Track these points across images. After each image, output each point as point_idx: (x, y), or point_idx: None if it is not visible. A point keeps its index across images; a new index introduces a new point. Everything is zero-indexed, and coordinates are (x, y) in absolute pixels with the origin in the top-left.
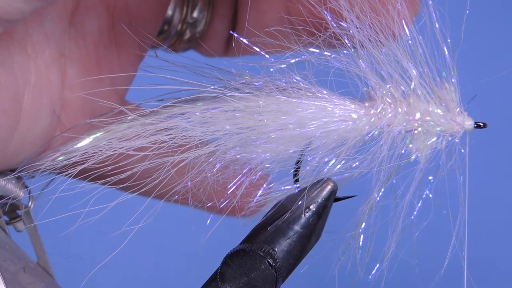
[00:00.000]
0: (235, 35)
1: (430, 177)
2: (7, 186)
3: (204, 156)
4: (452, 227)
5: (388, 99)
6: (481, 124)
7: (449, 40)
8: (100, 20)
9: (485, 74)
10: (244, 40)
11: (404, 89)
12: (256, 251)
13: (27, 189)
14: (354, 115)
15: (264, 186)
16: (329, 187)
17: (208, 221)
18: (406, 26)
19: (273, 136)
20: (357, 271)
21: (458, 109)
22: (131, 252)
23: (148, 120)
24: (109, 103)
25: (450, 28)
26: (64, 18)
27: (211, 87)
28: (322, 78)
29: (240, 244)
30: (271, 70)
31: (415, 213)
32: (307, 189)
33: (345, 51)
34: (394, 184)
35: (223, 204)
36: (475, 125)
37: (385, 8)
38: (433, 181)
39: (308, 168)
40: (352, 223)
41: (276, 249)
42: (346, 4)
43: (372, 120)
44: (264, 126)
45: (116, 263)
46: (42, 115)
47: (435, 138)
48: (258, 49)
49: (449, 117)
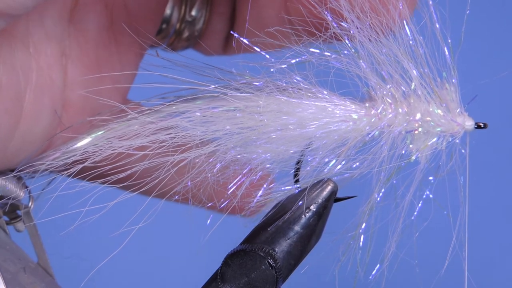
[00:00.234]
0: (236, 35)
1: (431, 178)
2: (7, 186)
3: (204, 156)
4: (453, 228)
5: (389, 100)
6: (482, 125)
7: (450, 41)
8: (99, 18)
9: (486, 75)
10: (245, 41)
11: (405, 90)
12: (257, 252)
13: (27, 189)
14: (355, 116)
15: (265, 186)
16: (330, 188)
17: (208, 221)
18: (406, 24)
19: (274, 136)
20: (358, 272)
21: (459, 110)
22: (131, 252)
23: (149, 119)
24: (111, 102)
25: (451, 28)
26: (64, 16)
27: (212, 87)
28: (323, 79)
29: (241, 245)
30: (272, 70)
31: (416, 214)
32: (308, 190)
33: (346, 51)
34: (395, 185)
35: (224, 204)
36: (476, 126)
37: (386, 8)
38: (434, 182)
39: (309, 169)
40: (353, 224)
41: (277, 250)
42: (347, 4)
43: (373, 121)
44: (265, 126)
45: (116, 263)
46: (43, 115)
47: (436, 139)
48: (258, 49)
49: (450, 118)
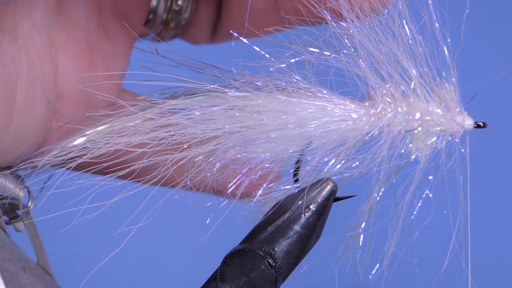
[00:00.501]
0: (235, 35)
1: (430, 177)
2: (6, 185)
3: (204, 155)
4: (452, 227)
5: (388, 99)
6: (481, 124)
7: (449, 40)
8: (87, 8)
9: (485, 74)
10: (245, 40)
11: (404, 89)
12: (256, 251)
13: (26, 187)
14: (354, 115)
15: (264, 186)
16: (329, 187)
17: (208, 221)
18: (406, 24)
19: (273, 136)
20: (357, 271)
21: (458, 109)
22: (131, 252)
23: (148, 115)
24: (108, 96)
25: (450, 28)
26: (51, 7)
27: (211, 86)
28: (322, 78)
29: (240, 244)
30: (271, 70)
31: (415, 213)
32: (307, 189)
33: (345, 51)
34: (394, 184)
35: (231, 189)
36: (475, 125)
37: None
38: (433, 181)
39: (308, 168)
40: (352, 223)
41: (276, 249)
42: (346, 4)
43: (372, 120)
44: (264, 126)
45: (115, 263)
46: (37, 107)
47: (435, 138)
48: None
49: (449, 117)
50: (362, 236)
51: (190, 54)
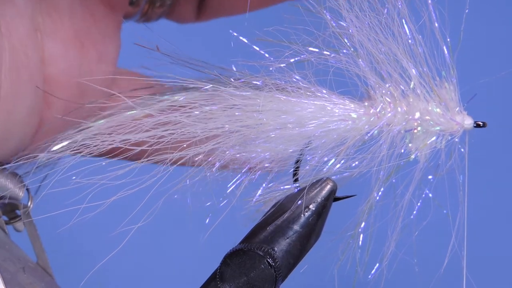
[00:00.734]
0: (235, 34)
1: (430, 177)
2: (4, 183)
3: (203, 154)
4: (452, 227)
5: (388, 99)
6: (481, 124)
7: (449, 40)
8: None
9: (485, 74)
10: (245, 40)
11: (404, 89)
12: (256, 251)
13: (25, 185)
14: (354, 115)
15: (264, 186)
16: (329, 187)
17: (207, 220)
18: (405, 23)
19: (273, 135)
20: (357, 271)
21: (458, 109)
22: (130, 252)
23: (147, 110)
24: (103, 88)
25: (450, 28)
26: None
27: (210, 86)
28: (322, 78)
29: (240, 244)
30: (271, 69)
31: (415, 213)
32: (307, 189)
33: (345, 50)
34: (394, 184)
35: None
36: (475, 125)
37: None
38: (433, 181)
39: (308, 168)
40: (352, 223)
41: (276, 249)
42: (346, 4)
43: (372, 120)
44: (264, 125)
45: (115, 262)
46: (25, 94)
47: (435, 138)
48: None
49: (449, 117)
50: (362, 236)
51: (192, 52)
